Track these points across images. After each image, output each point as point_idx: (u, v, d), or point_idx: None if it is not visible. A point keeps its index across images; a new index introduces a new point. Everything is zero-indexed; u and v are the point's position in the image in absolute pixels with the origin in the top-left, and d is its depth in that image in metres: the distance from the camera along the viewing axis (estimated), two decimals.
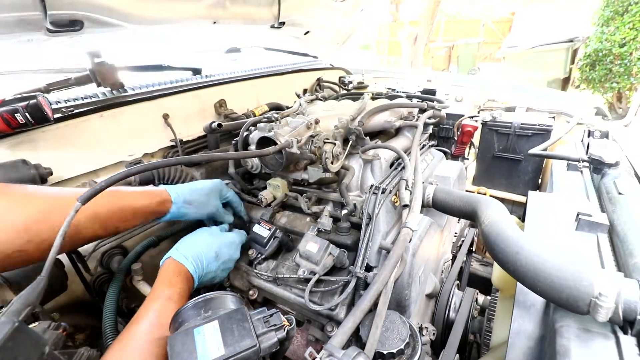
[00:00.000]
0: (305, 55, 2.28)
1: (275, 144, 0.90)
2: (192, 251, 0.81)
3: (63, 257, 0.90)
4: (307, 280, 0.82)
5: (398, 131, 1.28)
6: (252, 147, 1.04)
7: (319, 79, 2.18)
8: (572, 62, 6.00)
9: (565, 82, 6.18)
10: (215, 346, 0.51)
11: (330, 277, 0.84)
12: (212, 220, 1.02)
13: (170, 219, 0.87)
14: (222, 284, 1.01)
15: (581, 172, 1.16)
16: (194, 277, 0.78)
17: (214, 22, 1.46)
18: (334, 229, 0.94)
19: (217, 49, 1.92)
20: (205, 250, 0.83)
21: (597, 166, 1.07)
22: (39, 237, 0.62)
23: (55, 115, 0.96)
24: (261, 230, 0.96)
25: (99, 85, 1.17)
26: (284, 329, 0.56)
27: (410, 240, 0.78)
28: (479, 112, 1.78)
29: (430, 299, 1.08)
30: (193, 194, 0.90)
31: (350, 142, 1.04)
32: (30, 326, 0.48)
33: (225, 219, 1.01)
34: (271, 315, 0.57)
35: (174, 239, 0.95)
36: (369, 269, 0.84)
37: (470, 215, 0.87)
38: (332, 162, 0.94)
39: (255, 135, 1.02)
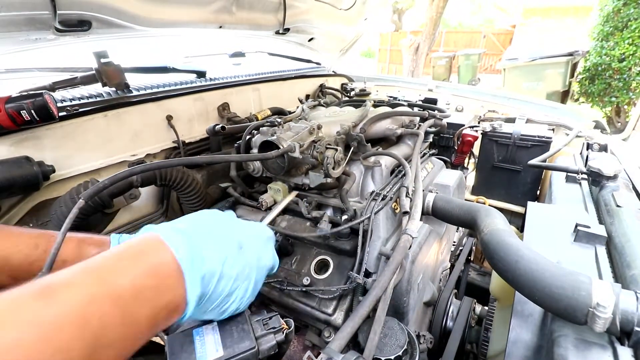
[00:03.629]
0: (309, 61, 2.30)
1: (278, 148, 0.91)
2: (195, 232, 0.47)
3: None
4: (306, 285, 0.82)
5: (399, 139, 1.29)
6: (255, 150, 1.05)
7: (321, 85, 2.20)
8: (572, 75, 6.07)
9: (564, 95, 6.24)
10: (214, 348, 0.51)
11: (329, 282, 0.84)
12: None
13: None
14: None
15: (580, 184, 1.17)
16: (185, 280, 0.41)
17: (220, 27, 1.48)
18: (334, 235, 0.94)
19: (221, 52, 1.94)
20: (220, 236, 0.49)
21: (596, 178, 1.08)
22: None
23: (60, 114, 0.97)
24: None
25: (104, 85, 1.18)
26: (283, 332, 0.56)
27: (410, 247, 0.78)
28: (479, 122, 1.79)
29: (427, 307, 1.08)
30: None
31: (352, 148, 1.05)
32: None
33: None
34: (270, 318, 0.57)
35: None
36: (367, 274, 0.84)
37: (469, 224, 0.87)
38: (333, 168, 0.94)
39: (257, 139, 1.03)
